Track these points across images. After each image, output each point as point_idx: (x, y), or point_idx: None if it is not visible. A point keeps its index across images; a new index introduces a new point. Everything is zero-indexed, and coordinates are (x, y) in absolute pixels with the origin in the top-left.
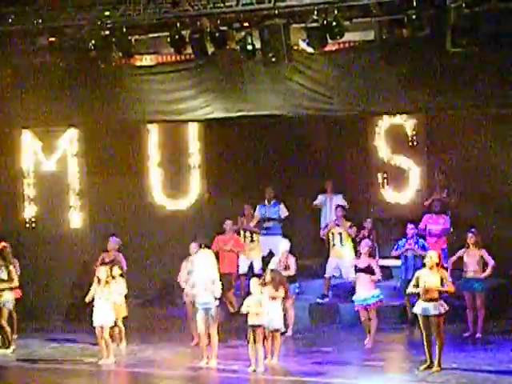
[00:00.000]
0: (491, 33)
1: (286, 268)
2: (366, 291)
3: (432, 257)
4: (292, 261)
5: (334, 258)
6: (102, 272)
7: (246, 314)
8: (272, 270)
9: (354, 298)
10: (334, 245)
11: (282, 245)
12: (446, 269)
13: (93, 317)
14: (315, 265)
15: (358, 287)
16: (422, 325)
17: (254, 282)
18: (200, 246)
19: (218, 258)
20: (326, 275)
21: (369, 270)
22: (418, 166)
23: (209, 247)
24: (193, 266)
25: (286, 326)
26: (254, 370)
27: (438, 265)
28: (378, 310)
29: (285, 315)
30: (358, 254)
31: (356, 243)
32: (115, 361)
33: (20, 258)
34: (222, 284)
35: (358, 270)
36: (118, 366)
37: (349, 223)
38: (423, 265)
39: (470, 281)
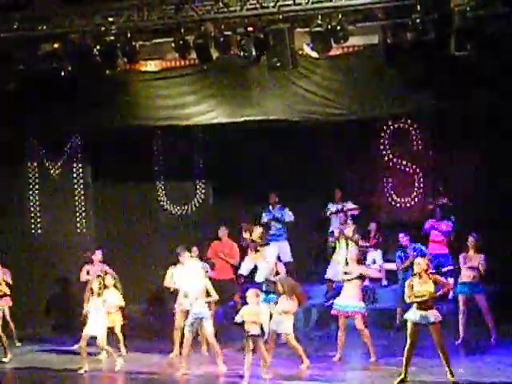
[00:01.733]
0: (496, 36)
1: (276, 274)
2: (351, 300)
3: (420, 263)
4: (281, 267)
5: (336, 262)
6: (94, 283)
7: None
8: (279, 280)
9: (335, 301)
10: (339, 250)
11: (270, 252)
12: (439, 273)
13: (86, 326)
14: (319, 270)
15: (343, 293)
16: (411, 333)
17: (251, 293)
18: (188, 252)
19: (214, 264)
20: (327, 277)
21: (358, 277)
22: (423, 171)
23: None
24: (182, 275)
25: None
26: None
27: (426, 271)
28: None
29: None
30: (346, 261)
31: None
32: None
33: (26, 263)
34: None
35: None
36: (115, 372)
37: (353, 227)
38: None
39: (469, 285)
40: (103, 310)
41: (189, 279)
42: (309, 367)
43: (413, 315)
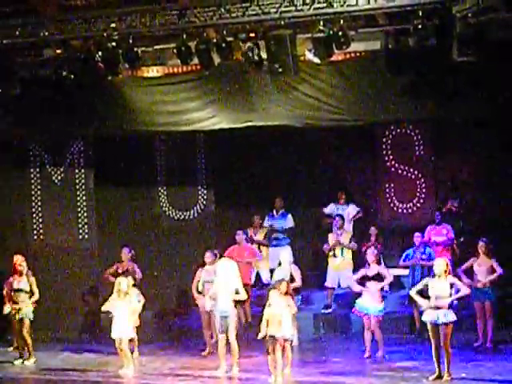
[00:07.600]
0: (497, 42)
1: (292, 280)
2: (373, 302)
3: (440, 265)
4: (296, 271)
5: (334, 270)
6: (123, 284)
7: (261, 325)
8: (286, 281)
9: (357, 301)
10: (334, 256)
11: (284, 257)
12: (456, 277)
13: (112, 328)
14: (319, 275)
15: (366, 294)
16: (430, 334)
17: (273, 293)
18: (215, 256)
19: None
20: (327, 285)
21: (379, 278)
22: (424, 176)
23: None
24: (210, 275)
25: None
26: (275, 381)
27: (445, 272)
28: (381, 322)
29: None
30: (366, 263)
31: (357, 254)
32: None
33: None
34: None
35: (368, 278)
36: (133, 376)
37: (350, 235)
38: (429, 273)
39: (480, 290)
40: (128, 310)
41: (219, 279)
42: None
43: (425, 316)
